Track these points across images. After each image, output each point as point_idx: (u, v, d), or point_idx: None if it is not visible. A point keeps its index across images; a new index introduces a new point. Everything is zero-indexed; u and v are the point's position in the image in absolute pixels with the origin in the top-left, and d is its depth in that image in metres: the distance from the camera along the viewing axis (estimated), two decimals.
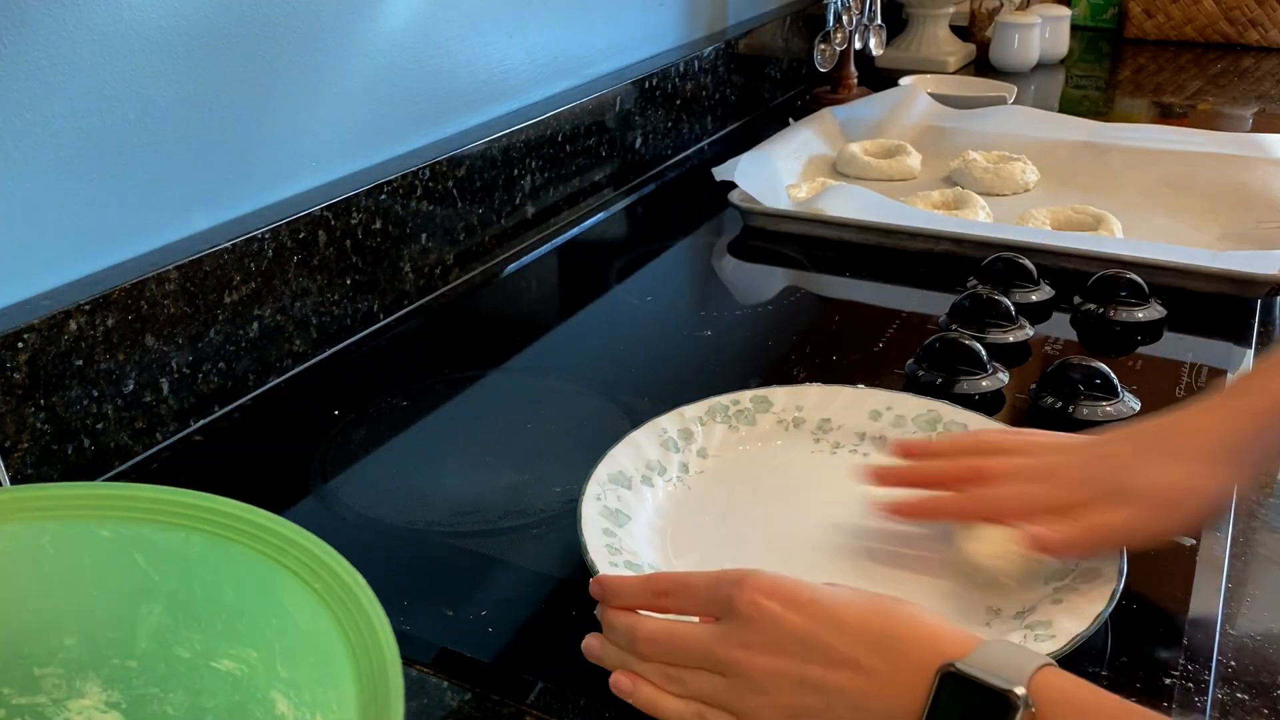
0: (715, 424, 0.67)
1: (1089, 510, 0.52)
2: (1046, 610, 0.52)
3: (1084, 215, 1.02)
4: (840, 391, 0.70)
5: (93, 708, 0.42)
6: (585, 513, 0.57)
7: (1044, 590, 0.54)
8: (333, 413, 0.75)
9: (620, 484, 0.61)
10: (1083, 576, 0.53)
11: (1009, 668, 0.39)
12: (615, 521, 0.58)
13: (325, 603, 0.39)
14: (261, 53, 0.78)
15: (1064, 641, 0.49)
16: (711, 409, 0.68)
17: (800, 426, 0.69)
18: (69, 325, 0.64)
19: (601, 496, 0.59)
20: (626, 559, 0.55)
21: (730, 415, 0.68)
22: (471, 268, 0.98)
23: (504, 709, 0.49)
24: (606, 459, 0.62)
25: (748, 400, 0.69)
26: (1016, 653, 0.41)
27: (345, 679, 0.36)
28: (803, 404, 0.69)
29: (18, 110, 0.64)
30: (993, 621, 0.53)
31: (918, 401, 0.68)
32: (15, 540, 0.43)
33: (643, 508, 0.61)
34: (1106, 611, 0.50)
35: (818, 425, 0.69)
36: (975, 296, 0.83)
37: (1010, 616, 0.53)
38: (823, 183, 1.15)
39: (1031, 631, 0.50)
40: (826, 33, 1.44)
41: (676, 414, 0.67)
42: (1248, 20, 1.81)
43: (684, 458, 0.65)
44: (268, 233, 0.76)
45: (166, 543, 0.43)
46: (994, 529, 0.54)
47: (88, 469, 0.67)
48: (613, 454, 0.62)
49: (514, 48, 1.04)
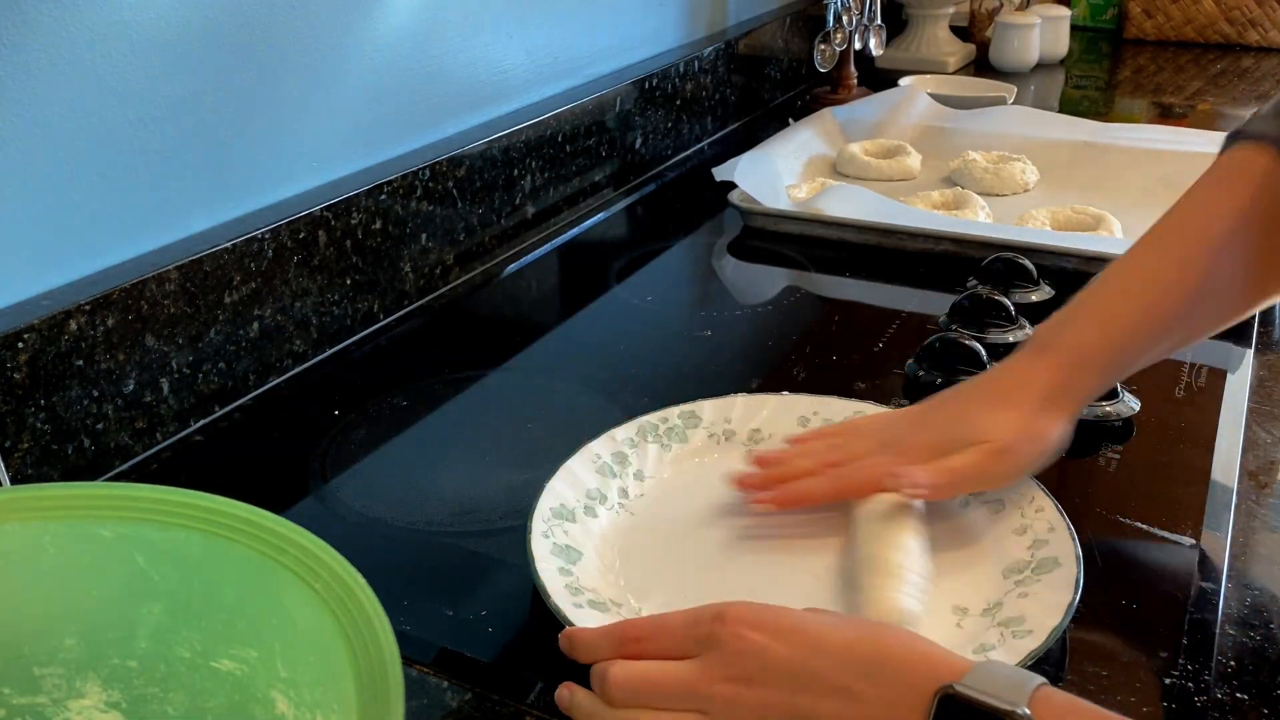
0: (647, 444, 0.66)
1: (937, 460, 0.57)
2: (1015, 604, 0.52)
3: (1084, 215, 1.02)
4: (766, 400, 0.70)
5: (93, 708, 0.42)
6: (537, 552, 0.55)
7: (1006, 585, 0.55)
8: (333, 413, 0.75)
9: (564, 518, 0.59)
10: (1041, 568, 0.54)
11: (1008, 688, 0.39)
12: (568, 559, 0.56)
13: (325, 602, 0.39)
14: (261, 53, 0.78)
15: (1043, 637, 0.49)
16: (641, 429, 0.67)
17: (731, 439, 0.68)
18: (69, 325, 0.64)
19: (549, 534, 0.57)
20: (589, 598, 0.54)
21: (660, 434, 0.67)
22: (471, 268, 0.98)
23: (504, 709, 0.49)
24: (546, 491, 0.60)
25: (676, 417, 0.68)
26: (1014, 673, 0.40)
27: (345, 679, 0.36)
28: (730, 416, 0.69)
29: (18, 110, 0.64)
30: (963, 621, 0.53)
31: (844, 404, 0.68)
32: (15, 540, 0.43)
33: (590, 540, 0.59)
34: (1075, 599, 0.51)
35: (748, 436, 0.68)
36: (975, 296, 0.83)
37: (978, 614, 0.53)
38: (823, 183, 1.15)
39: (1008, 629, 0.51)
40: (826, 33, 1.44)
41: (607, 437, 0.65)
42: (1248, 20, 1.81)
43: (622, 482, 0.64)
44: (268, 233, 0.76)
45: (166, 543, 0.43)
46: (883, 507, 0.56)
47: (88, 469, 0.67)
48: (551, 486, 0.60)
49: (514, 48, 1.04)
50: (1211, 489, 0.64)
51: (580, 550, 0.58)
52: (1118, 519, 0.61)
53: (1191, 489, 0.64)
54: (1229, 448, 0.67)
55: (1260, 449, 0.68)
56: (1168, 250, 0.59)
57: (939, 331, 0.78)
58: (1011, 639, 0.50)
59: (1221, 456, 0.66)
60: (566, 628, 0.50)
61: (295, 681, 0.39)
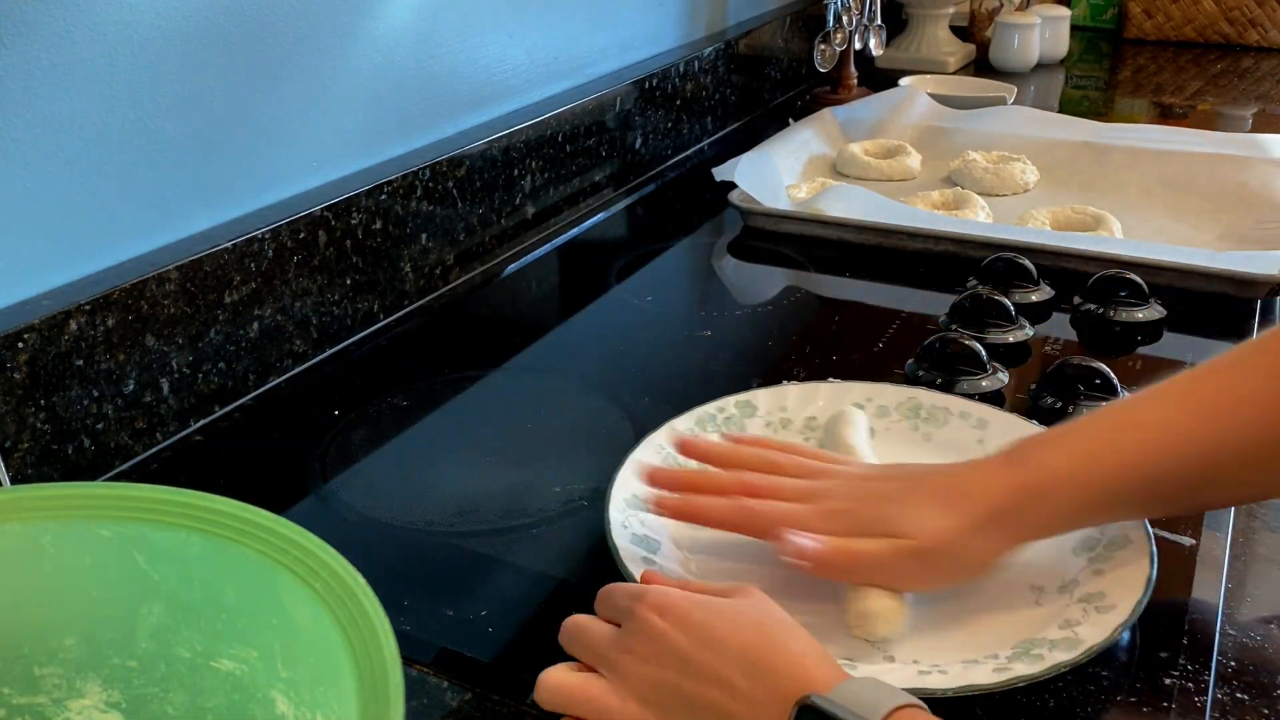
0: (707, 434, 0.66)
1: (848, 539, 0.53)
2: (1092, 581, 0.53)
3: (1084, 215, 1.01)
4: (818, 388, 0.70)
5: (93, 708, 0.42)
6: (619, 545, 0.56)
7: (1079, 562, 0.55)
8: (333, 413, 0.75)
9: (637, 507, 0.59)
10: (1113, 545, 0.55)
11: (867, 704, 0.40)
12: (648, 548, 0.57)
13: (325, 602, 0.39)
14: (261, 53, 0.78)
15: (1127, 611, 0.50)
16: (700, 419, 0.67)
17: (788, 427, 0.68)
18: (69, 325, 0.64)
19: (627, 524, 0.58)
20: None
21: (719, 423, 0.68)
22: (471, 268, 0.98)
23: (504, 709, 0.49)
24: (617, 483, 0.60)
25: (733, 406, 0.68)
26: (880, 690, 0.41)
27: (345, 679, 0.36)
28: (785, 404, 0.69)
29: (18, 110, 0.64)
30: (1040, 599, 0.54)
31: (895, 390, 0.69)
32: (15, 540, 0.43)
33: (664, 528, 0.59)
34: (1153, 573, 0.52)
35: (804, 424, 0.69)
36: (975, 296, 0.83)
37: (1054, 592, 0.54)
38: (823, 183, 1.15)
39: (1090, 604, 0.51)
40: (826, 33, 1.44)
41: (668, 428, 0.66)
42: (1248, 20, 1.81)
43: None
44: (268, 233, 0.76)
45: (166, 543, 0.43)
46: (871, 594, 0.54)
47: (88, 469, 0.67)
48: (621, 477, 0.61)
49: (514, 48, 1.04)
50: None
51: (657, 539, 0.58)
52: None
53: None
54: None
55: None
56: (1186, 398, 0.52)
57: (939, 331, 0.78)
58: (1096, 614, 0.51)
59: None
60: None
61: (295, 681, 0.39)
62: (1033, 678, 0.47)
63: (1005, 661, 0.49)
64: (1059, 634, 0.50)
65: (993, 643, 0.51)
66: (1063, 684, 0.49)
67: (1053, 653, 0.48)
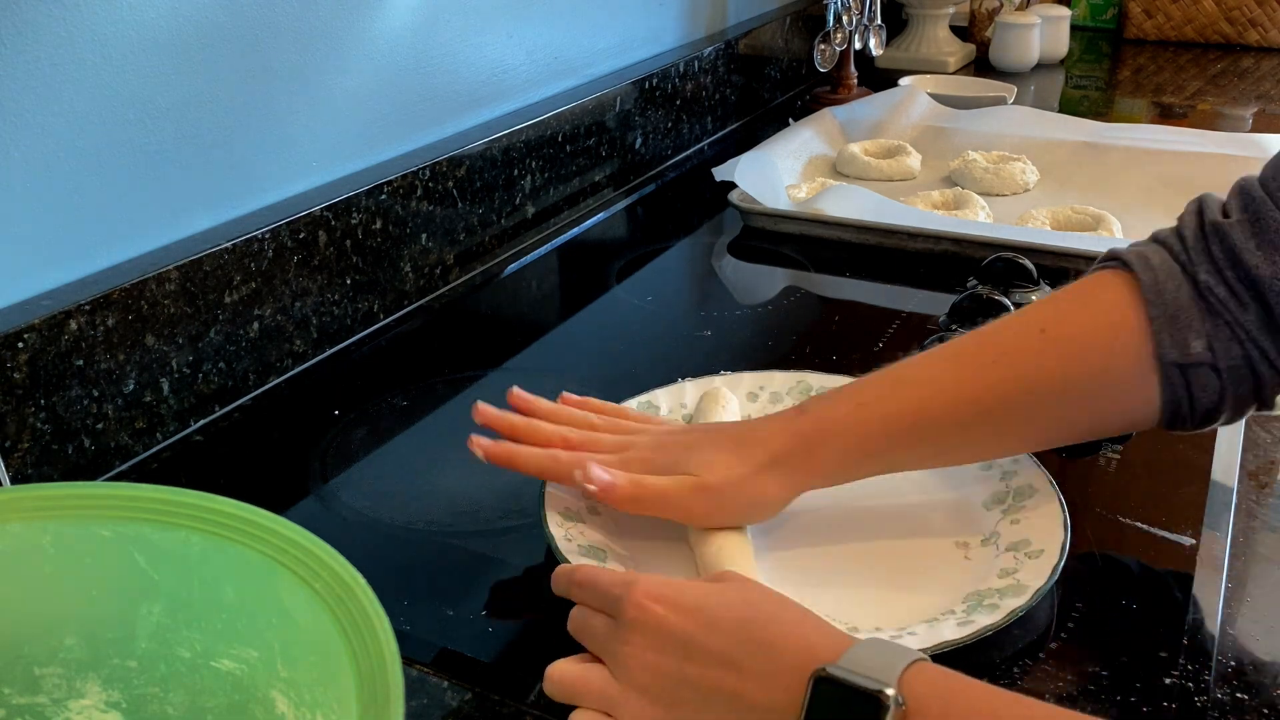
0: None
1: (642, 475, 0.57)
2: (1012, 531, 0.56)
3: (1084, 215, 1.02)
4: (711, 380, 0.71)
5: (93, 708, 0.42)
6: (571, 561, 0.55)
7: (993, 515, 0.58)
8: (333, 413, 0.75)
9: (574, 519, 0.59)
10: (1020, 495, 0.59)
11: (879, 667, 0.40)
12: (598, 560, 0.56)
13: (325, 602, 0.39)
14: (261, 53, 0.78)
15: (1056, 553, 0.53)
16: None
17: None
18: (69, 325, 0.64)
19: (570, 537, 0.57)
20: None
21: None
22: (471, 268, 0.98)
23: (504, 709, 0.49)
24: (548, 500, 0.59)
25: (635, 406, 0.69)
26: (888, 651, 0.42)
27: (345, 679, 0.36)
28: (684, 401, 0.70)
29: (19, 111, 0.64)
30: (969, 554, 0.57)
31: (785, 376, 0.71)
32: (15, 540, 0.43)
33: (607, 539, 0.59)
34: (1066, 516, 0.55)
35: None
36: (975, 296, 0.83)
37: (979, 545, 0.57)
38: (823, 183, 1.15)
39: (1019, 552, 0.54)
40: (826, 33, 1.44)
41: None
42: (1248, 20, 1.81)
43: None
44: (268, 233, 0.76)
45: (166, 543, 0.43)
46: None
47: (88, 469, 0.67)
48: (549, 494, 0.60)
49: (514, 48, 1.04)
50: (1211, 488, 0.64)
51: (604, 550, 0.58)
52: (1117, 519, 0.61)
53: (1191, 489, 0.64)
54: (1229, 447, 0.67)
55: (1260, 448, 0.68)
56: (960, 358, 0.57)
57: (939, 331, 0.78)
58: (1028, 560, 0.53)
59: (1221, 456, 0.66)
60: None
61: (295, 681, 0.39)
62: (997, 626, 0.49)
63: (965, 615, 0.51)
64: (1002, 583, 0.53)
65: (945, 601, 0.53)
66: (1062, 683, 0.49)
67: (1005, 600, 0.51)
